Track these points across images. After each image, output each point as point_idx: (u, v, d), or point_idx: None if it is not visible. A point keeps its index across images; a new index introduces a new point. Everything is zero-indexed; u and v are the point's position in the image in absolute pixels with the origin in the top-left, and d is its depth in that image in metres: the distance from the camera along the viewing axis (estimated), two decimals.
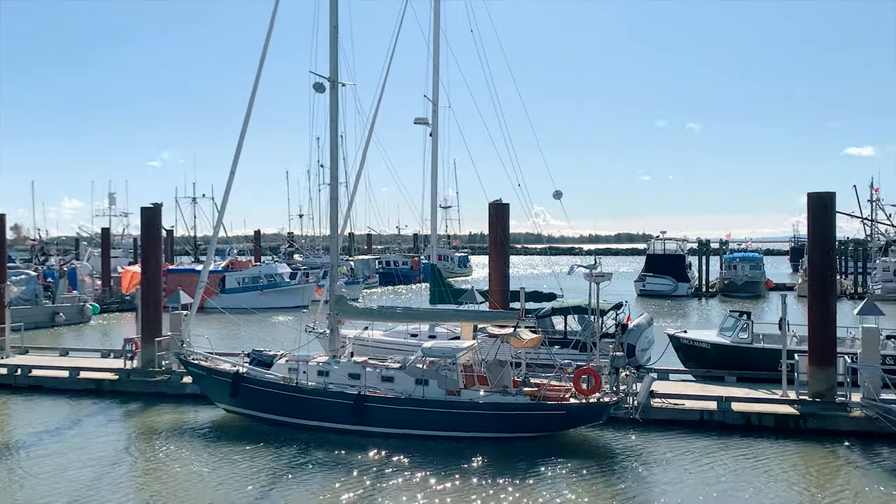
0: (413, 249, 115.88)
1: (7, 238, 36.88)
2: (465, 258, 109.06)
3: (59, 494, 17.55)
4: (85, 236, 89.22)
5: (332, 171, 24.00)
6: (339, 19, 23.56)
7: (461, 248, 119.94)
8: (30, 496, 17.54)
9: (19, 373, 29.02)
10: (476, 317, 24.62)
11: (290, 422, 22.26)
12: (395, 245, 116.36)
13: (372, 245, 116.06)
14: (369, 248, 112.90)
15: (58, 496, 17.44)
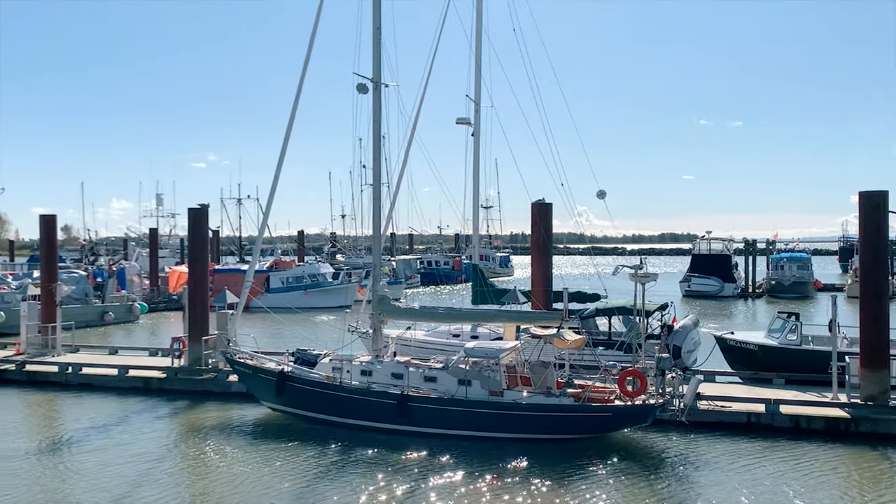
0: (454, 249, 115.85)
1: (58, 238, 37.76)
2: (506, 258, 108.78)
3: (103, 490, 17.88)
4: (133, 237, 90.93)
5: (375, 171, 24.09)
6: (381, 20, 23.65)
7: (502, 248, 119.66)
8: (75, 491, 17.88)
9: (70, 371, 29.64)
10: (519, 317, 24.52)
11: (334, 421, 22.40)
12: (436, 245, 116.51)
13: (413, 245, 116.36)
14: (411, 249, 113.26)
15: (102, 491, 17.76)
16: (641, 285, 21.74)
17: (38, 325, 33.49)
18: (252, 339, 27.48)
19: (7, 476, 18.86)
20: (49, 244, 36.03)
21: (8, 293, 45.97)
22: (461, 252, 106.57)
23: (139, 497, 17.35)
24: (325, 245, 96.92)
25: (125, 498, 17.29)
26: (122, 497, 17.35)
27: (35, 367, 30.43)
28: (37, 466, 19.76)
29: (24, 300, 37.18)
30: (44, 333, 33.32)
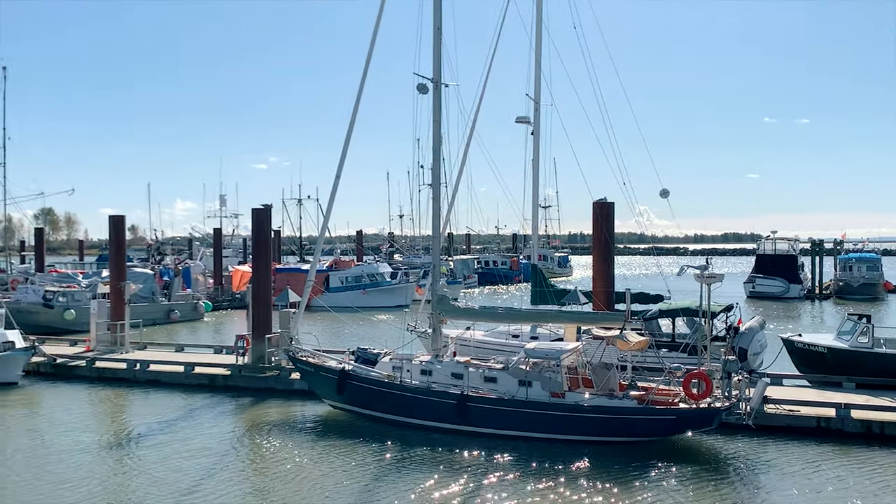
0: (512, 249, 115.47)
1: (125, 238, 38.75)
2: (564, 258, 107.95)
3: (166, 484, 18.28)
4: (197, 236, 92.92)
5: (435, 171, 24.12)
6: (442, 20, 23.66)
7: (561, 248, 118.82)
8: (139, 485, 18.29)
9: (138, 367, 30.39)
10: (580, 318, 24.27)
11: (394, 419, 22.51)
12: (493, 245, 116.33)
13: (470, 245, 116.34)
14: (468, 248, 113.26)
15: (164, 485, 18.15)
16: (707, 286, 21.32)
17: (107, 323, 34.42)
18: (314, 338, 27.79)
19: (72, 469, 19.42)
20: (118, 244, 37.03)
21: (78, 291, 47.36)
22: (519, 252, 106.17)
23: (202, 492, 17.68)
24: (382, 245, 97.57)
25: (188, 493, 17.62)
26: (185, 492, 17.69)
27: (104, 364, 31.28)
28: (103, 461, 20.31)
29: (94, 298, 38.24)
30: (113, 331, 34.26)
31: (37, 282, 49.41)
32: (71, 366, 31.53)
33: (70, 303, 45.55)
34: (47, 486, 18.18)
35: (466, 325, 29.09)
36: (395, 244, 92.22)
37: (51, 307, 44.96)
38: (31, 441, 22.33)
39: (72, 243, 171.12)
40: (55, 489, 17.92)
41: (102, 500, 17.28)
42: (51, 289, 46.55)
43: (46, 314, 44.34)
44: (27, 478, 18.85)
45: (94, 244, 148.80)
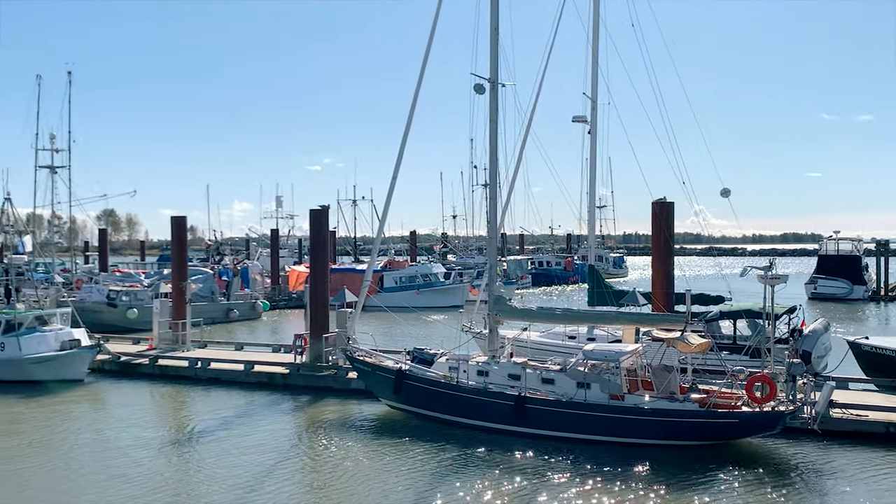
0: (566, 250, 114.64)
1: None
2: (620, 259, 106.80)
3: (222, 479, 18.61)
4: (254, 237, 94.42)
5: (492, 171, 24.09)
6: (499, 20, 23.59)
7: (616, 248, 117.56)
8: (197, 481, 18.66)
9: (199, 366, 30.98)
10: (640, 319, 23.96)
11: (450, 420, 22.51)
12: (547, 245, 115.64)
13: (524, 245, 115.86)
14: (522, 249, 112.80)
15: (220, 481, 18.49)
16: (771, 287, 20.85)
17: (169, 322, 35.16)
18: (370, 338, 27.96)
19: (133, 464, 19.89)
20: (179, 244, 37.80)
21: (140, 291, 48.54)
22: (573, 252, 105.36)
23: (259, 489, 17.91)
24: (436, 245, 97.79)
25: (246, 489, 17.88)
26: (243, 488, 17.95)
27: (167, 362, 31.98)
28: (163, 456, 20.74)
29: (156, 298, 39.09)
30: (174, 329, 34.98)
31: (101, 281, 50.80)
32: (134, 363, 32.30)
33: (133, 302, 46.72)
34: (108, 480, 18.67)
35: (522, 325, 28.95)
36: (448, 244, 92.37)
37: (114, 306, 46.18)
38: (95, 436, 22.92)
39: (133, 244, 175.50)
40: (116, 483, 18.37)
41: (161, 495, 17.63)
42: (114, 288, 47.81)
43: (110, 313, 45.56)
44: (90, 472, 19.39)
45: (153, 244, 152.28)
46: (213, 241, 71.46)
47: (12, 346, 30.03)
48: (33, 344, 30.14)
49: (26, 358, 29.77)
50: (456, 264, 75.38)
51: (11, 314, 30.98)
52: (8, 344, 30.11)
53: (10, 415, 25.68)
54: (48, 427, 24.06)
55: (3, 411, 26.09)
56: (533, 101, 28.26)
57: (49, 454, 21.06)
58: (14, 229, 35.28)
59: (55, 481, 18.82)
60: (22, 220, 37.46)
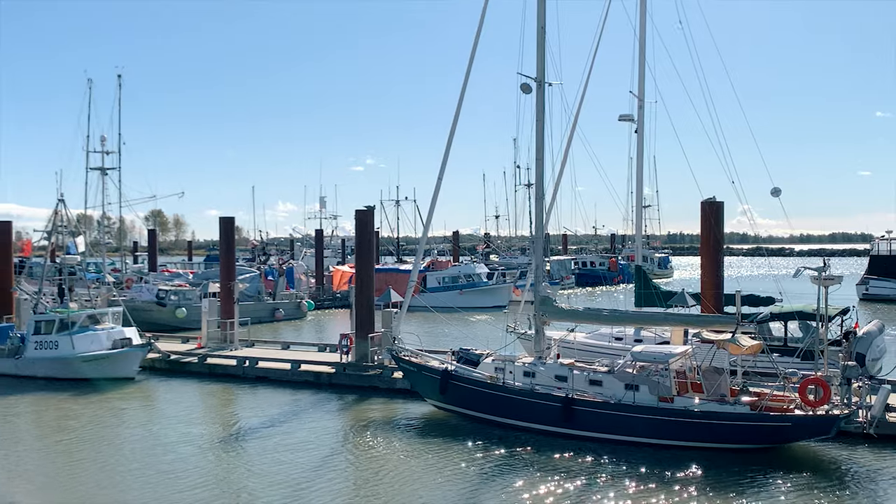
0: (609, 250, 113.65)
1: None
2: (665, 259, 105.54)
3: (267, 476, 18.82)
4: (298, 237, 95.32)
5: (538, 171, 23.92)
6: (546, 19, 23.46)
7: (661, 248, 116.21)
8: (244, 478, 18.89)
9: (247, 364, 31.35)
10: (690, 321, 23.60)
11: (496, 420, 22.45)
12: (590, 245, 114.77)
13: (567, 245, 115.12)
14: (565, 249, 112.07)
15: (264, 477, 18.72)
16: (825, 288, 20.40)
17: (217, 321, 35.63)
18: (416, 338, 28.02)
19: (179, 461, 20.25)
20: (227, 245, 38.29)
21: (189, 290, 49.31)
22: (617, 252, 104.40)
23: (305, 486, 18.06)
24: (479, 245, 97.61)
25: (292, 486, 18.03)
26: (289, 485, 18.11)
27: (215, 361, 32.44)
28: (211, 453, 21.10)
29: (205, 297, 39.64)
30: (223, 328, 35.45)
31: (150, 281, 51.69)
32: (184, 362, 32.83)
33: (181, 301, 47.49)
34: (156, 475, 19.04)
35: (567, 326, 28.74)
36: (491, 245, 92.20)
37: (163, 305, 46.99)
38: (145, 433, 23.38)
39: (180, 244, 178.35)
40: (164, 479, 18.73)
41: (207, 491, 17.90)
42: (163, 287, 48.62)
43: (159, 312, 46.37)
44: (138, 467, 19.79)
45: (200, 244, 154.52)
46: (258, 241, 72.31)
47: (66, 345, 30.73)
48: (86, 342, 30.79)
49: (79, 356, 30.44)
50: (499, 264, 75.18)
51: (65, 313, 31.69)
52: (62, 342, 30.82)
53: (62, 411, 26.30)
54: (99, 423, 24.59)
55: (57, 408, 26.73)
56: (578, 100, 28.04)
57: (100, 450, 21.57)
58: (67, 230, 36.00)
59: (105, 476, 19.24)
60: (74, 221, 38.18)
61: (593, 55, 28.58)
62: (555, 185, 27.75)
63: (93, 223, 58.02)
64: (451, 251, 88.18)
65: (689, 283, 67.87)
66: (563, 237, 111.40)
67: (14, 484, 18.78)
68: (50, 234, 36.03)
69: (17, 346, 31.91)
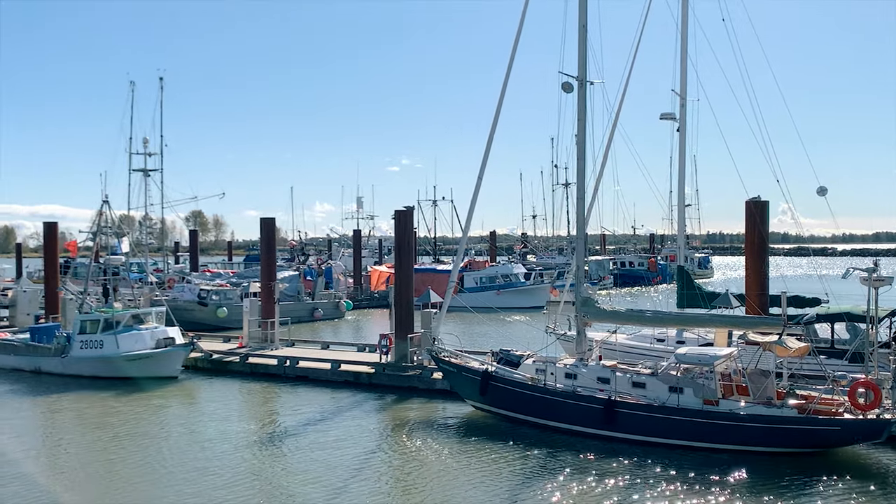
0: (649, 250, 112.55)
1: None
2: (705, 259, 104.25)
3: (304, 472, 19.08)
4: (335, 237, 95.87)
5: (579, 170, 23.71)
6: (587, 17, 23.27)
7: (701, 248, 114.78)
8: (287, 475, 19.10)
9: (288, 364, 31.55)
10: (735, 322, 23.21)
11: (537, 422, 22.31)
12: (629, 245, 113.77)
13: (605, 245, 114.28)
14: (603, 249, 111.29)
15: (301, 474, 18.95)
16: (875, 289, 19.93)
17: (258, 321, 35.93)
18: (455, 338, 27.96)
19: (218, 458, 20.48)
20: (268, 245, 38.58)
21: (230, 290, 49.84)
22: (656, 252, 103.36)
23: (343, 486, 18.12)
24: (516, 245, 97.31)
25: (330, 486, 18.11)
26: (327, 485, 18.19)
27: (256, 360, 32.69)
28: (251, 452, 21.22)
29: (246, 297, 40.01)
30: (263, 328, 35.72)
31: (192, 281, 52.34)
32: (225, 361, 33.14)
33: (222, 301, 48.01)
34: (195, 472, 19.34)
35: (608, 328, 28.47)
36: (528, 245, 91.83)
37: (205, 305, 47.55)
38: (184, 430, 23.71)
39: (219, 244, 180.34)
40: (200, 475, 19.04)
41: (245, 489, 18.06)
42: (205, 287, 49.19)
43: (201, 311, 46.93)
44: (176, 463, 20.20)
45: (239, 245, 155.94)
46: (297, 241, 72.83)
47: (110, 344, 31.20)
48: (130, 342, 31.23)
49: (123, 355, 30.88)
50: (536, 265, 74.85)
51: (110, 313, 32.19)
52: (106, 342, 31.29)
53: (104, 408, 26.76)
54: (140, 421, 24.98)
55: (99, 405, 27.17)
56: (619, 99, 27.77)
57: (139, 446, 21.92)
58: (111, 231, 36.59)
59: (143, 471, 19.57)
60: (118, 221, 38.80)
61: (634, 53, 28.27)
62: (595, 185, 27.51)
63: (134, 224, 58.99)
64: (489, 251, 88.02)
65: (730, 284, 66.96)
66: (601, 237, 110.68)
67: (55, 479, 19.16)
68: (95, 234, 36.61)
69: (64, 345, 32.45)
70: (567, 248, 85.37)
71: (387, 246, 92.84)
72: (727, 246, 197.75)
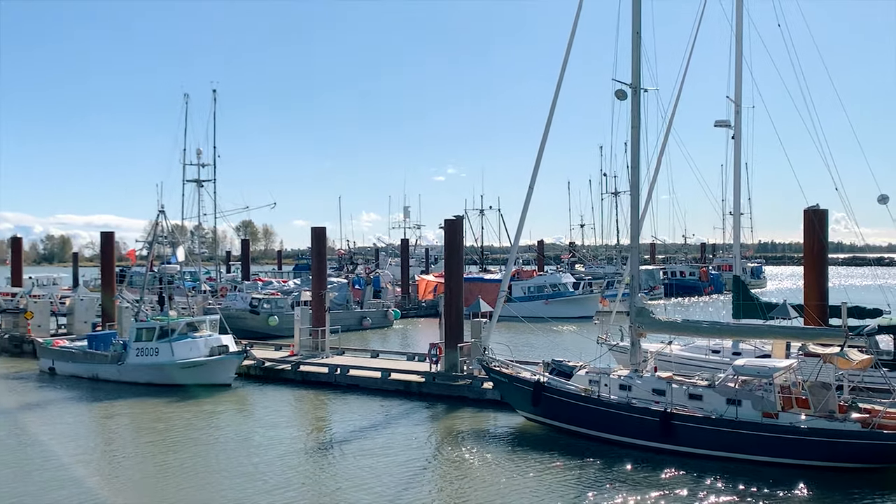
0: (699, 259, 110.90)
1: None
2: (758, 268, 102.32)
3: (353, 479, 19.25)
4: (381, 246, 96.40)
5: (634, 178, 23.46)
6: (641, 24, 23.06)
7: (753, 257, 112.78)
8: (332, 478, 19.39)
9: (339, 372, 31.72)
10: (795, 334, 22.66)
11: (591, 434, 22.03)
12: (679, 255, 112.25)
13: (655, 255, 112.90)
14: (652, 258, 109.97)
15: (349, 480, 19.13)
16: None
17: (309, 329, 36.20)
18: (506, 348, 27.81)
19: (263, 464, 20.70)
20: (319, 254, 38.91)
21: (280, 299, 50.36)
22: (707, 262, 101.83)
23: (393, 495, 18.12)
24: (564, 255, 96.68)
25: (379, 495, 18.12)
26: (373, 492, 18.27)
27: (308, 368, 32.91)
28: (301, 458, 21.46)
29: (297, 306, 40.37)
30: (314, 336, 35.97)
31: (244, 290, 53.04)
32: (278, 369, 33.45)
33: (273, 309, 48.52)
34: (241, 476, 19.68)
35: (662, 338, 28.05)
36: (576, 254, 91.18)
37: (257, 313, 48.11)
38: (235, 435, 24.06)
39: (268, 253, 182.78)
40: (248, 479, 19.35)
41: (295, 493, 18.24)
42: (256, 296, 49.79)
43: (253, 320, 47.50)
44: (226, 467, 20.59)
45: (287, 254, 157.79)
46: (346, 250, 73.37)
47: (166, 352, 31.71)
48: (185, 349, 31.70)
49: (178, 363, 31.35)
50: (585, 274, 74.23)
51: (165, 321, 32.72)
52: (162, 349, 31.81)
53: (158, 414, 27.24)
54: (192, 427, 25.39)
55: (153, 411, 27.67)
56: (672, 105, 27.43)
57: (190, 451, 22.34)
58: (167, 240, 37.29)
59: (194, 476, 19.94)
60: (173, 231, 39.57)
61: (687, 60, 27.95)
62: (648, 193, 27.18)
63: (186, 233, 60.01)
64: (536, 260, 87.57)
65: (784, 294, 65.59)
66: (650, 246, 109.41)
67: (107, 482, 19.56)
68: (151, 244, 37.33)
69: (120, 352, 33.05)
70: (616, 258, 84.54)
71: (433, 255, 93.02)
72: (779, 255, 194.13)
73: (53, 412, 28.17)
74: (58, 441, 23.54)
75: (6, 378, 35.29)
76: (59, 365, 35.27)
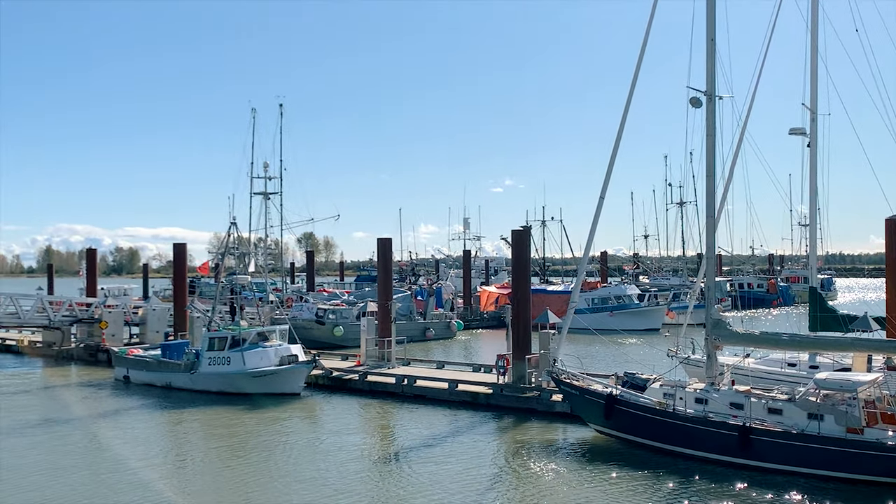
0: (767, 271, 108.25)
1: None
2: (829, 280, 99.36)
3: (416, 487, 19.31)
4: (440, 258, 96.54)
5: (709, 187, 22.97)
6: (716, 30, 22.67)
7: (824, 269, 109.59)
8: (396, 486, 19.50)
9: (406, 383, 31.80)
10: (880, 347, 21.89)
11: (665, 448, 21.59)
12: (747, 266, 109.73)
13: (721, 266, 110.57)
14: (719, 270, 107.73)
15: (417, 487, 19.22)
16: None
17: (375, 339, 36.41)
18: (577, 360, 27.49)
19: (327, 470, 20.94)
20: (384, 265, 39.11)
21: (345, 309, 50.84)
22: (776, 273, 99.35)
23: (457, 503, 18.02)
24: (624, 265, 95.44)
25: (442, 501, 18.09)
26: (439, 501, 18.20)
27: (375, 378, 33.08)
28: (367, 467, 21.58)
29: (362, 316, 40.67)
30: (380, 347, 36.17)
31: (310, 300, 53.70)
32: (345, 379, 33.73)
33: (339, 319, 49.02)
34: (303, 483, 19.88)
35: (737, 351, 27.38)
36: (641, 265, 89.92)
37: (322, 323, 48.65)
38: (302, 443, 24.38)
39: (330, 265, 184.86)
40: (311, 485, 19.59)
41: (352, 499, 18.43)
42: (322, 306, 50.36)
43: (319, 330, 48.06)
44: (290, 472, 20.93)
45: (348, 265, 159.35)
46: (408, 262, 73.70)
47: (237, 361, 32.22)
48: (256, 359, 32.17)
49: (249, 372, 31.83)
50: (650, 286, 73.11)
51: (237, 330, 33.27)
52: (233, 358, 32.34)
53: (226, 421, 27.78)
54: (260, 434, 25.80)
55: (224, 419, 28.15)
56: (745, 113, 26.89)
57: (259, 458, 22.71)
58: (238, 251, 38.01)
59: (258, 480, 20.28)
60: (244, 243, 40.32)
61: (760, 67, 27.40)
62: (721, 203, 26.63)
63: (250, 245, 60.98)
64: (600, 272, 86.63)
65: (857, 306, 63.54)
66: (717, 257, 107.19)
67: (174, 486, 19.99)
68: (223, 255, 38.04)
69: (193, 361, 33.70)
70: (682, 269, 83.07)
71: (493, 267, 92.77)
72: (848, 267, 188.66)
73: (127, 419, 28.91)
74: (130, 446, 24.23)
75: (82, 386, 36.35)
76: (133, 373, 36.16)
